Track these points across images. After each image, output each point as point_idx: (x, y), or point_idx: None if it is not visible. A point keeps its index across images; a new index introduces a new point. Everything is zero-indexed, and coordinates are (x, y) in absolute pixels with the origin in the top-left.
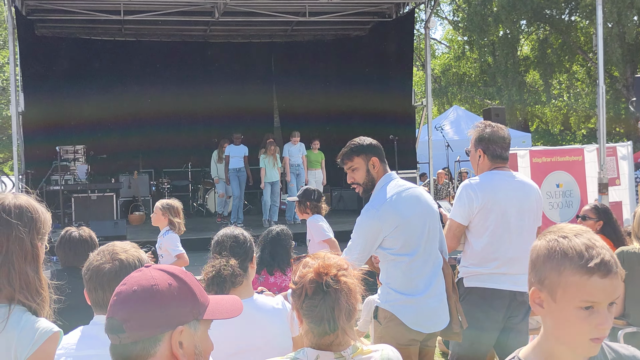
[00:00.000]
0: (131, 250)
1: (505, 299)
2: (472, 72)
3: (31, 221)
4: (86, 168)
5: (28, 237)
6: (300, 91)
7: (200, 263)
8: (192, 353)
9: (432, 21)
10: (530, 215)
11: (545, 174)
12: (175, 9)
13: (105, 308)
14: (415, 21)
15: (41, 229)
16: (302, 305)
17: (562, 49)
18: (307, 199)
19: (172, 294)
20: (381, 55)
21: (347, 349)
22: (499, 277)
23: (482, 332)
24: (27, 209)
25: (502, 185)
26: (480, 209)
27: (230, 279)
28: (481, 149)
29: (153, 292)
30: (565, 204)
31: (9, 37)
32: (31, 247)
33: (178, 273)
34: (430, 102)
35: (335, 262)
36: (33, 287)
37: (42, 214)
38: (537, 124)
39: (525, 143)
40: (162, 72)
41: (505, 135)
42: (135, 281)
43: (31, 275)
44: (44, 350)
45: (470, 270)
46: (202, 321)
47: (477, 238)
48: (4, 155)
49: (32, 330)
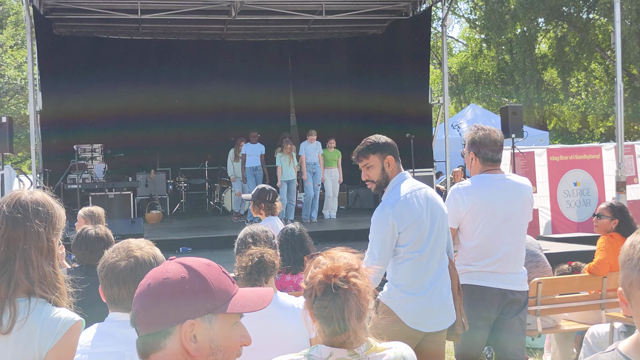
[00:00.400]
0: (146, 247)
1: (495, 296)
2: (489, 70)
3: (47, 216)
4: (103, 166)
5: (44, 233)
6: (317, 90)
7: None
8: (207, 348)
9: (448, 19)
10: (521, 215)
11: (562, 172)
12: (192, 8)
13: (120, 305)
14: (432, 19)
15: (56, 225)
16: (313, 305)
17: (580, 46)
18: (262, 200)
19: (183, 287)
20: (398, 53)
21: (360, 346)
22: (489, 275)
23: (473, 329)
24: (43, 205)
25: (491, 187)
26: (468, 212)
27: (270, 268)
28: (473, 152)
29: (163, 285)
30: (583, 202)
31: (27, 36)
32: (47, 242)
33: (196, 266)
34: (447, 100)
35: (345, 263)
36: (50, 281)
37: (57, 209)
38: (554, 122)
39: (543, 141)
40: (179, 71)
41: (497, 139)
42: (152, 275)
43: (48, 270)
44: (67, 339)
45: (461, 268)
46: (223, 315)
47: (467, 239)
48: (22, 154)
49: (54, 321)
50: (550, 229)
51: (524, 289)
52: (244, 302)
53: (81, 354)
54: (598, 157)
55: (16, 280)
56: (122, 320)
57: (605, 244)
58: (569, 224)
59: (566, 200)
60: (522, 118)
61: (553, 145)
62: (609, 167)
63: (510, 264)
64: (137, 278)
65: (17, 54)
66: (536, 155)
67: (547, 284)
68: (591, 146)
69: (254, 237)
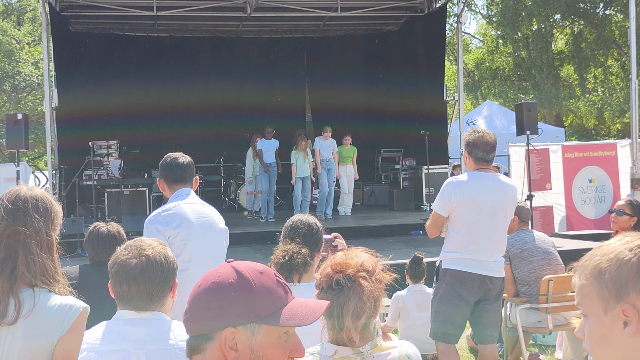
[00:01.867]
0: (158, 247)
1: (475, 280)
2: (505, 66)
3: (46, 212)
4: (119, 163)
5: (44, 227)
6: (332, 86)
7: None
8: (248, 357)
9: (464, 15)
10: (505, 212)
11: (577, 169)
12: (208, 5)
13: (128, 303)
14: (449, 15)
15: (55, 220)
16: (319, 295)
17: (597, 43)
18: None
19: (227, 293)
20: (413, 50)
21: (365, 345)
22: (471, 262)
23: (455, 308)
24: (42, 200)
25: (481, 184)
26: (458, 204)
27: (301, 267)
28: (467, 151)
29: (210, 289)
30: (598, 199)
31: (43, 33)
32: (47, 236)
33: (247, 272)
34: (462, 97)
35: (357, 262)
36: (50, 274)
37: (55, 206)
38: (571, 118)
39: (559, 138)
40: (194, 67)
41: (490, 141)
42: (205, 276)
43: (48, 264)
44: (77, 325)
45: (448, 254)
46: (268, 326)
47: (455, 229)
48: (38, 150)
49: (63, 308)
50: (565, 226)
51: (500, 276)
52: (291, 316)
53: (88, 352)
54: (613, 154)
55: (18, 273)
56: (130, 318)
57: None
58: (584, 220)
59: (581, 197)
60: (536, 115)
61: (568, 142)
62: (624, 164)
63: (490, 252)
64: (147, 277)
65: (34, 50)
66: (551, 152)
67: (558, 281)
68: (606, 143)
69: (295, 230)
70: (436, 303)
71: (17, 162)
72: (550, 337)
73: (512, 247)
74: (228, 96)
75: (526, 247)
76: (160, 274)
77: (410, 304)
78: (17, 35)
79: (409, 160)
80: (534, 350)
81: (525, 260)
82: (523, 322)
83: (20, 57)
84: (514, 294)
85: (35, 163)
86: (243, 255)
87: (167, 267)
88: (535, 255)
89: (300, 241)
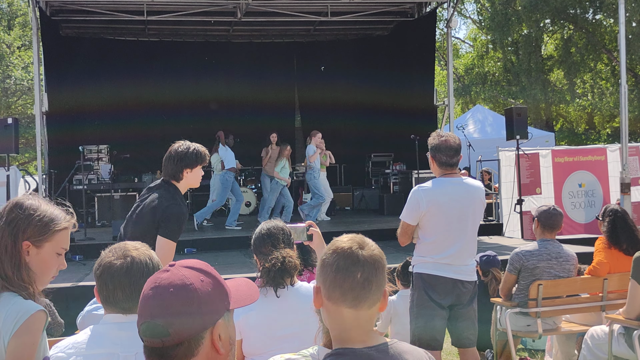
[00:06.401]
0: (142, 248)
1: (447, 284)
2: (495, 70)
3: (17, 220)
4: (109, 168)
5: (8, 235)
6: (322, 91)
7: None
8: (228, 344)
9: (454, 20)
10: (474, 216)
11: (567, 173)
12: (198, 10)
13: (115, 305)
14: (439, 20)
15: (27, 230)
16: None
17: (587, 47)
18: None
19: (207, 291)
20: (403, 54)
21: None
22: (443, 266)
23: (432, 311)
24: (24, 208)
25: (447, 191)
26: (426, 213)
27: (293, 270)
28: (431, 155)
29: (190, 291)
30: (588, 203)
31: (33, 37)
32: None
33: (204, 268)
34: (452, 101)
35: None
36: (14, 281)
37: (28, 212)
38: (561, 123)
39: (549, 142)
40: (185, 72)
41: (453, 145)
42: (169, 282)
43: (10, 272)
44: (26, 327)
45: (419, 259)
46: (230, 311)
47: (425, 235)
48: (28, 154)
49: (14, 311)
50: None
51: (472, 280)
52: (240, 296)
53: (76, 356)
54: (603, 158)
55: None
56: (117, 321)
57: (603, 245)
58: (574, 225)
59: (571, 201)
60: (526, 119)
61: (558, 147)
62: (613, 169)
63: (462, 257)
64: (132, 277)
65: (25, 54)
66: (541, 156)
67: (548, 285)
68: (596, 147)
69: (272, 237)
70: (415, 309)
71: (7, 166)
72: (539, 341)
73: (527, 261)
74: (218, 101)
75: (540, 264)
76: (146, 274)
77: (401, 310)
78: (7, 40)
79: (399, 165)
80: (523, 354)
81: (536, 277)
82: (512, 326)
83: (11, 61)
84: (505, 299)
85: (25, 167)
86: (234, 259)
87: (152, 268)
88: (546, 276)
89: (284, 245)
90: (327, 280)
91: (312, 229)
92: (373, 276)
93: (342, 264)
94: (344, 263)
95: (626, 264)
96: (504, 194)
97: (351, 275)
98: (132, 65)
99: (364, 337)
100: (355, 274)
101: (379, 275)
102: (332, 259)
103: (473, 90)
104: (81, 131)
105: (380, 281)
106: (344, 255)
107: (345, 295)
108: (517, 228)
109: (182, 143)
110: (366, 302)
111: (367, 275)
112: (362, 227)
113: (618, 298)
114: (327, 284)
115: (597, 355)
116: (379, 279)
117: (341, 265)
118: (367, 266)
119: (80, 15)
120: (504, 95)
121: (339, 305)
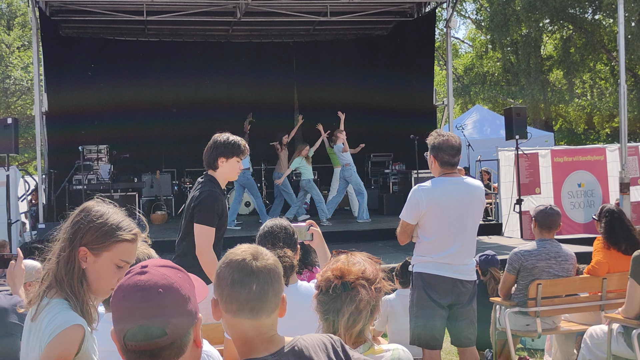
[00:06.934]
0: (141, 247)
1: (447, 284)
2: (495, 71)
3: (79, 223)
4: (109, 167)
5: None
6: (322, 91)
7: None
8: (199, 335)
9: (453, 20)
10: (474, 214)
11: (566, 173)
12: (198, 10)
13: None
14: (438, 20)
15: (86, 235)
16: (317, 297)
17: (586, 47)
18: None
19: (187, 287)
20: (402, 54)
21: (359, 347)
22: (443, 265)
23: (432, 310)
24: (85, 211)
25: (447, 190)
26: (426, 212)
27: (289, 270)
28: (432, 155)
29: (177, 289)
30: (587, 203)
31: (33, 37)
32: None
33: (175, 265)
34: (452, 101)
35: (359, 269)
36: (66, 287)
37: (85, 216)
38: (560, 123)
39: (548, 142)
40: (184, 72)
41: (455, 144)
42: (154, 283)
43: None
44: (58, 340)
45: (419, 259)
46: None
47: (425, 235)
48: (28, 154)
49: (55, 320)
50: None
51: (472, 279)
52: (199, 292)
53: None
54: (602, 158)
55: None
56: None
57: (602, 245)
58: (574, 225)
59: (570, 201)
60: (526, 119)
61: (557, 147)
62: (613, 169)
63: (461, 256)
64: None
65: (24, 55)
66: (540, 156)
67: (547, 285)
68: (595, 147)
69: (273, 236)
70: (414, 309)
71: (7, 166)
72: (538, 340)
73: (526, 261)
74: (218, 101)
75: (539, 264)
76: None
77: (399, 309)
78: (7, 40)
79: (398, 165)
80: (522, 354)
81: (535, 277)
82: (512, 326)
83: (10, 61)
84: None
85: (25, 167)
86: None
87: None
88: (545, 276)
89: (282, 245)
90: (224, 293)
91: (312, 228)
92: (269, 285)
93: (236, 276)
94: (238, 275)
95: (625, 264)
96: (503, 194)
97: (246, 287)
98: (132, 65)
99: (267, 344)
100: (250, 286)
101: (275, 284)
102: (227, 272)
103: (472, 90)
104: (81, 131)
105: (277, 289)
106: (238, 268)
107: (242, 307)
108: (516, 228)
109: (222, 134)
110: (264, 312)
111: (262, 286)
112: (361, 227)
113: (617, 297)
114: (224, 297)
115: (596, 355)
116: (276, 288)
117: (236, 278)
118: (261, 276)
119: (79, 15)
120: (504, 95)
121: (238, 317)
